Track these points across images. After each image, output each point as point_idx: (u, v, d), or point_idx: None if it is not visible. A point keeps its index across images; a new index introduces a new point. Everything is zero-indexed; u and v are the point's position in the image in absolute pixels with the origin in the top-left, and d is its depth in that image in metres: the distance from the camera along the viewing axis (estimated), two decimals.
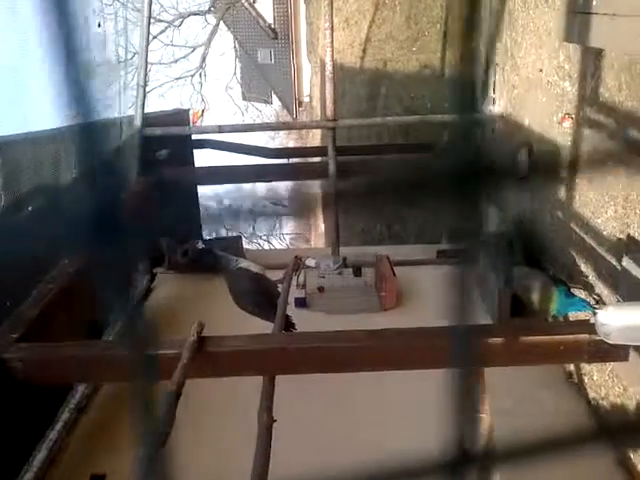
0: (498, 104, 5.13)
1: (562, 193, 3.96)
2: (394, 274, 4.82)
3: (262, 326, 3.40)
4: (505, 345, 2.57)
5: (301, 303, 4.86)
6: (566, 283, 3.65)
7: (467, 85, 0.38)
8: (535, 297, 3.74)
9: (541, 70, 4.25)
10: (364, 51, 10.81)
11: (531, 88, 4.45)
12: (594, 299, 3.43)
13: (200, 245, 4.11)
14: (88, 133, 0.37)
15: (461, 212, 0.39)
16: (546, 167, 4.17)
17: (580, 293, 3.57)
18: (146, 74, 5.46)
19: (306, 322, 3.82)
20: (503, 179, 4.38)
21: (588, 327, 2.52)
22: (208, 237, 7.04)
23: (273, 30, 20.26)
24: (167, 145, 5.65)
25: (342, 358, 2.73)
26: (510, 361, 2.70)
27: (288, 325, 3.54)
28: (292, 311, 3.89)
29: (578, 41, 3.53)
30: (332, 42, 5.16)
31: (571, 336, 2.60)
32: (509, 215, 4.88)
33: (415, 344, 2.66)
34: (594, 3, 3.23)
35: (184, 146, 6.25)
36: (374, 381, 3.34)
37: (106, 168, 0.38)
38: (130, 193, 4.59)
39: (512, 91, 4.85)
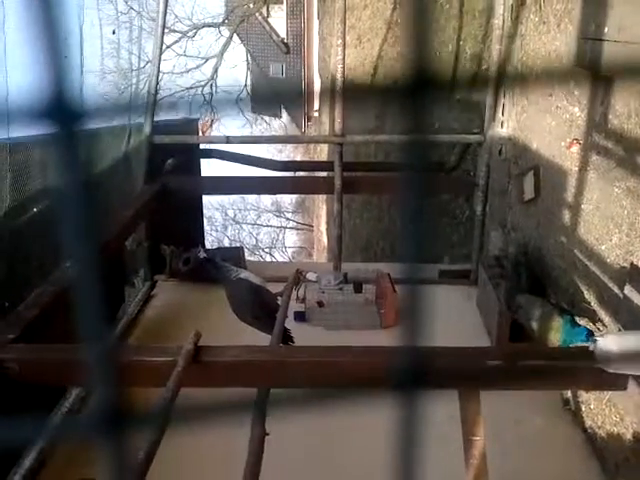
0: (506, 126, 5.14)
1: (567, 218, 3.95)
2: (395, 291, 4.81)
3: (260, 338, 3.38)
4: (502, 369, 2.55)
5: (300, 317, 4.85)
6: (571, 312, 3.63)
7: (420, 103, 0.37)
8: (538, 326, 3.72)
9: (551, 95, 4.26)
10: (375, 69, 10.87)
11: (540, 112, 4.45)
12: (598, 329, 3.41)
13: (202, 254, 4.10)
14: (67, 142, 0.35)
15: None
16: (553, 190, 4.16)
17: (585, 322, 3.54)
18: (157, 82, 5.49)
19: (305, 336, 3.80)
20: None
21: (587, 355, 2.50)
22: (210, 246, 7.04)
23: (286, 44, 20.41)
24: (175, 153, 5.67)
25: (339, 373, 2.71)
26: (506, 385, 2.68)
27: (286, 338, 3.52)
28: (291, 325, 3.88)
29: (589, 67, 3.54)
30: (344, 59, 5.18)
31: (569, 363, 2.58)
32: (514, 238, 4.87)
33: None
34: (606, 30, 3.25)
35: (191, 155, 6.27)
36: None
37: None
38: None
39: (521, 114, 4.85)
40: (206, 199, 6.74)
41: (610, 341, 2.40)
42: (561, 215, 4.04)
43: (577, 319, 3.52)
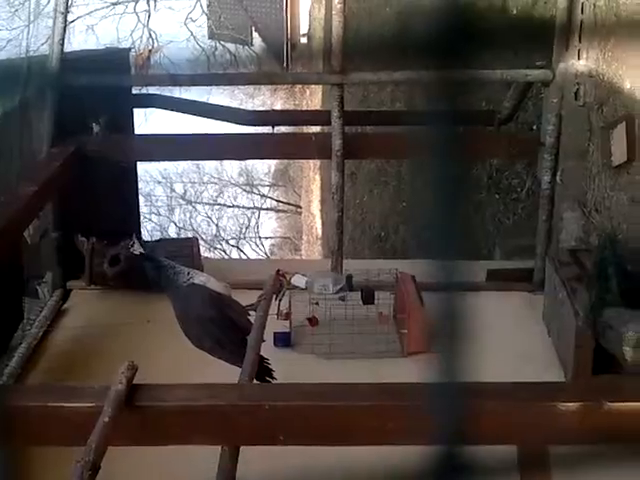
0: (585, 58, 5.14)
1: None
2: (422, 302, 4.81)
3: (224, 372, 3.38)
4: (582, 413, 2.56)
5: (283, 340, 4.85)
6: None
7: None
8: (634, 355, 3.74)
9: None
10: None
11: (637, 35, 4.46)
12: None
13: (137, 249, 4.09)
14: None
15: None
16: None
17: None
18: None
19: (290, 368, 3.81)
20: None
21: None
22: (150, 238, 7.05)
23: None
24: (99, 102, 5.63)
25: (340, 425, 2.72)
26: (588, 436, 2.69)
27: (263, 372, 3.53)
28: (269, 351, 3.88)
29: None
30: None
31: None
32: (599, 222, 4.87)
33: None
34: None
35: (121, 102, 6.24)
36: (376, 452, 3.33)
37: None
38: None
39: (607, 39, 4.85)
40: (142, 168, 6.72)
41: None
42: None
43: None
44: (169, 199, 24.71)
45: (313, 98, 17.78)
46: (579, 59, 5.18)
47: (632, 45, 4.51)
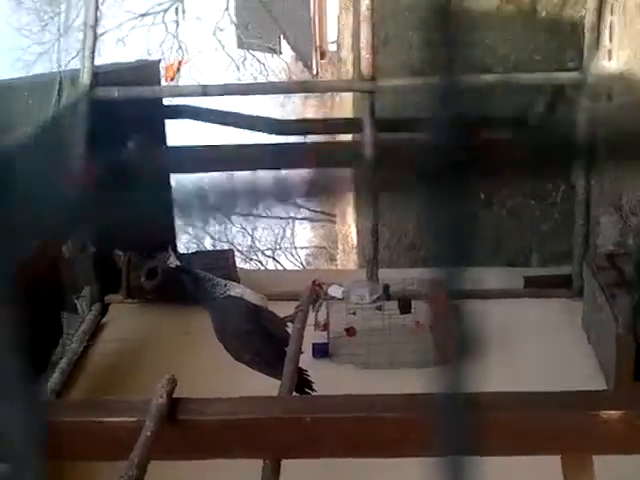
0: (616, 58, 5.10)
1: None
2: None
3: (264, 384, 3.39)
4: (625, 422, 2.54)
5: (322, 351, 4.86)
6: None
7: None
8: None
9: None
10: None
11: None
12: None
13: (174, 262, 4.11)
14: None
15: None
16: None
17: None
18: (97, 9, 5.51)
19: (329, 379, 3.81)
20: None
21: None
22: (186, 250, 7.08)
23: None
24: (129, 115, 5.68)
25: (383, 436, 2.71)
26: (632, 446, 2.67)
27: (302, 383, 3.54)
28: (308, 363, 3.89)
29: None
30: None
31: None
32: (637, 225, 4.84)
33: (500, 416, 2.63)
34: None
35: (153, 115, 6.30)
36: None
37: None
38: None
39: (639, 39, 4.83)
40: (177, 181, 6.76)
41: None
42: None
43: None
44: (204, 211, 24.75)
45: (343, 106, 17.76)
46: (610, 60, 5.15)
47: None
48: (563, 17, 6.32)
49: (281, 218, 25.68)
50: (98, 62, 5.54)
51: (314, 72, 20.27)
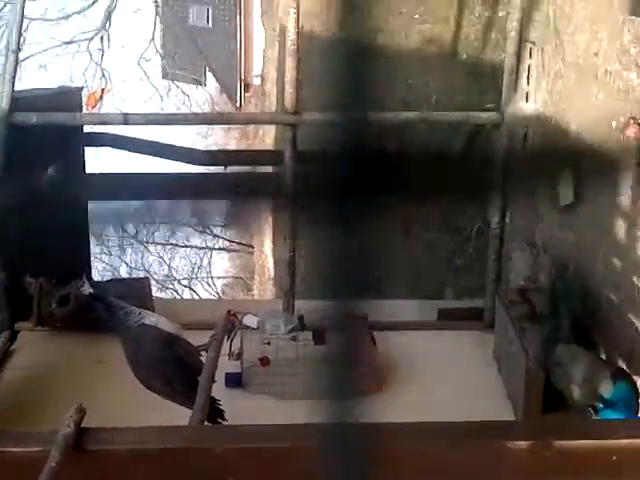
0: (533, 100, 5.23)
1: (622, 232, 4.03)
2: (374, 343, 4.82)
3: (175, 414, 3.35)
4: (533, 453, 2.58)
5: (235, 381, 4.83)
6: (627, 373, 3.69)
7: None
8: (582, 394, 3.77)
9: (597, 54, 4.36)
10: None
11: (582, 79, 4.55)
12: None
13: (87, 289, 4.06)
14: None
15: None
16: (596, 193, 4.25)
17: None
18: (20, 34, 5.44)
19: (242, 409, 3.79)
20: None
21: None
22: (100, 278, 6.98)
23: None
24: (48, 141, 5.60)
25: (294, 467, 2.70)
26: (538, 476, 2.71)
27: (214, 413, 3.52)
28: (221, 392, 3.86)
29: None
30: (298, 0, 5.23)
31: (628, 442, 2.62)
32: (547, 262, 4.94)
33: (408, 447, 2.65)
34: None
35: (72, 141, 6.22)
36: None
37: None
38: None
39: (555, 82, 4.95)
40: (93, 208, 6.67)
41: None
42: (613, 227, 4.11)
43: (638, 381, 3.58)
44: (120, 239, 24.51)
45: (266, 138, 17.82)
46: (527, 101, 5.28)
47: (577, 88, 4.60)
48: (483, 60, 6.46)
49: (199, 248, 25.59)
50: (19, 87, 5.45)
51: (237, 104, 20.32)
